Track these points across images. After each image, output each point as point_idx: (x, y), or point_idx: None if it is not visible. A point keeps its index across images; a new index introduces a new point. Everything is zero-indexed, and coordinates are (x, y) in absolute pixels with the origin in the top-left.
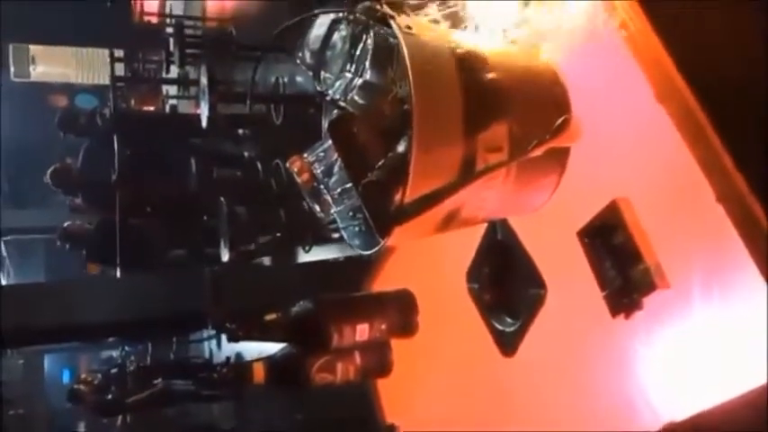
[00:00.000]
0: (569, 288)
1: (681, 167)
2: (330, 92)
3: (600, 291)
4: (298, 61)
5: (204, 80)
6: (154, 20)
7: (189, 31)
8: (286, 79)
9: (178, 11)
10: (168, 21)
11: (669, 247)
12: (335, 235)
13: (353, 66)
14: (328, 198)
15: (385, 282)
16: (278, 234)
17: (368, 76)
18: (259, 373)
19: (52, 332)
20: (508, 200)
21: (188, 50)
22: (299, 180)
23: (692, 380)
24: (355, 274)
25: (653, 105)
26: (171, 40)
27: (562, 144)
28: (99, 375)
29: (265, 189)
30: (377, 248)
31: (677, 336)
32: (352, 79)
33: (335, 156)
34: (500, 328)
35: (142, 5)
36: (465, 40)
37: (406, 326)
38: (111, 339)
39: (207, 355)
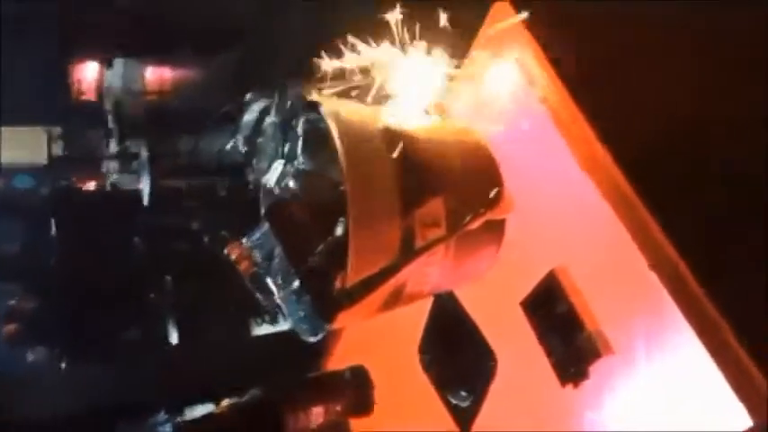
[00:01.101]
0: (519, 357)
1: (613, 236)
2: (264, 180)
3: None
4: (231, 148)
5: (144, 155)
6: (92, 96)
7: (128, 106)
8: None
9: (117, 83)
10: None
11: (609, 313)
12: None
13: (285, 153)
14: (271, 284)
15: (339, 357)
16: (229, 309)
17: (300, 162)
18: None
19: None
20: (450, 273)
21: (127, 125)
22: (238, 268)
23: None
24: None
25: (580, 176)
26: (110, 116)
27: (497, 216)
28: None
29: (213, 263)
30: (322, 334)
31: (626, 400)
32: (285, 166)
33: (275, 241)
34: (455, 402)
35: (80, 82)
36: (393, 119)
37: (363, 404)
38: None
39: None
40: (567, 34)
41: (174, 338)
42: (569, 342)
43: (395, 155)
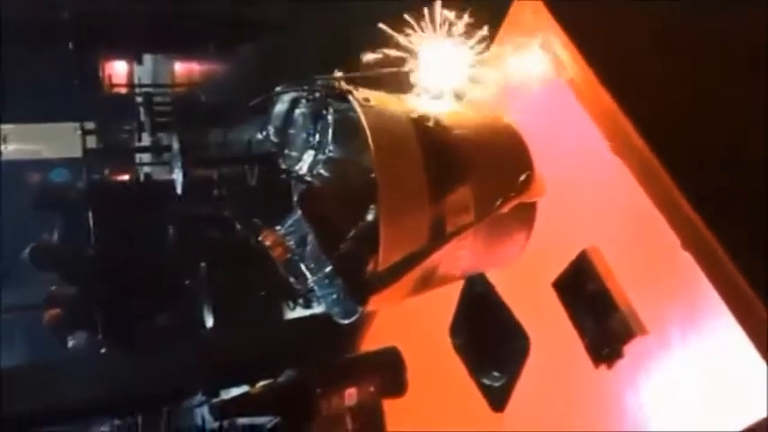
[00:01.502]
0: (552, 339)
1: (645, 217)
2: (296, 168)
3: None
4: (262, 138)
5: (176, 146)
6: (123, 90)
7: (158, 99)
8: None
9: (147, 77)
10: (137, 90)
11: (642, 294)
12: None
13: (316, 142)
14: (304, 269)
15: (374, 332)
16: (262, 294)
17: (331, 150)
18: None
19: (35, 418)
20: (482, 256)
21: (158, 119)
22: (272, 254)
23: (681, 424)
24: (342, 334)
25: (611, 157)
26: (141, 109)
27: (528, 200)
28: None
29: (245, 249)
30: (355, 317)
31: (662, 380)
32: (316, 155)
33: (307, 227)
34: (488, 383)
35: (110, 77)
36: (422, 106)
37: (395, 385)
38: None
39: (199, 422)
40: (593, 16)
41: (209, 323)
42: (602, 322)
43: (424, 142)
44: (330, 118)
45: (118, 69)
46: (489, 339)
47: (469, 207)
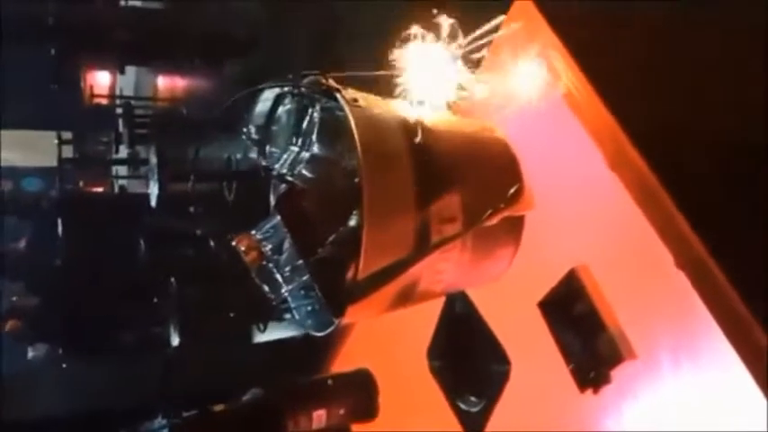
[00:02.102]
0: (535, 362)
1: (638, 235)
2: (276, 166)
3: (565, 365)
4: (243, 137)
5: (154, 159)
6: (103, 101)
7: (139, 111)
8: (239, 156)
9: (128, 91)
10: (118, 101)
11: (633, 316)
12: (288, 316)
13: (300, 139)
14: (278, 277)
15: (345, 359)
16: (231, 314)
17: (315, 149)
18: None
19: None
20: (465, 271)
21: (138, 130)
22: (246, 259)
23: None
24: (313, 354)
25: (605, 173)
26: (120, 120)
27: (517, 213)
28: None
29: (217, 267)
30: (330, 329)
31: (650, 408)
32: (298, 153)
33: (285, 232)
34: (465, 408)
35: (92, 87)
36: (412, 111)
37: (366, 409)
38: None
39: None
40: (591, 27)
41: (175, 341)
42: (590, 345)
43: (412, 147)
44: (316, 115)
45: (100, 80)
46: (468, 362)
47: (457, 217)
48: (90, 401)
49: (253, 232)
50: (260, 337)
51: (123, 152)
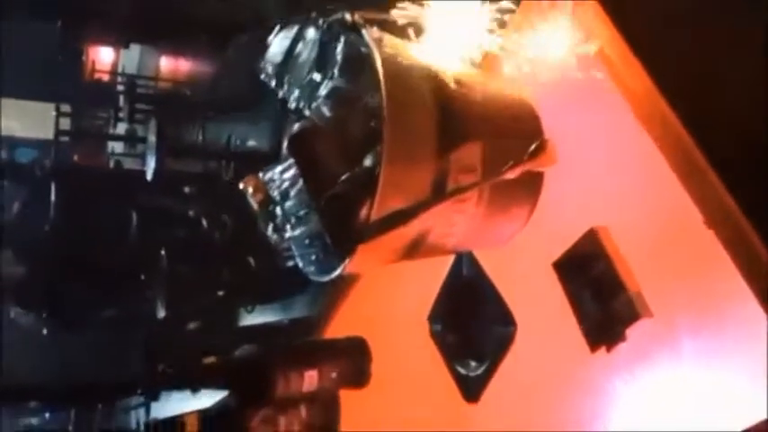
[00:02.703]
0: (541, 325)
1: (665, 193)
2: (293, 97)
3: (577, 325)
4: (259, 74)
5: (153, 133)
6: (105, 77)
7: (141, 91)
8: (238, 142)
9: (131, 70)
10: (120, 78)
11: (653, 276)
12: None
13: (321, 71)
14: (284, 224)
15: (340, 328)
16: (220, 293)
17: (337, 82)
18: (192, 426)
19: None
20: (478, 228)
21: (138, 106)
22: (252, 200)
23: (678, 419)
24: (300, 337)
25: (633, 128)
26: (121, 97)
27: (538, 168)
28: None
29: (209, 246)
30: (334, 274)
31: (663, 371)
32: (318, 84)
33: (292, 176)
34: (463, 372)
35: (94, 63)
36: (438, 59)
37: (359, 375)
38: (32, 405)
39: (134, 425)
40: None
41: (160, 314)
42: (606, 304)
43: (436, 93)
44: (340, 48)
45: (103, 55)
46: (472, 326)
47: (476, 168)
48: (69, 370)
49: (260, 174)
50: (247, 320)
51: (121, 131)
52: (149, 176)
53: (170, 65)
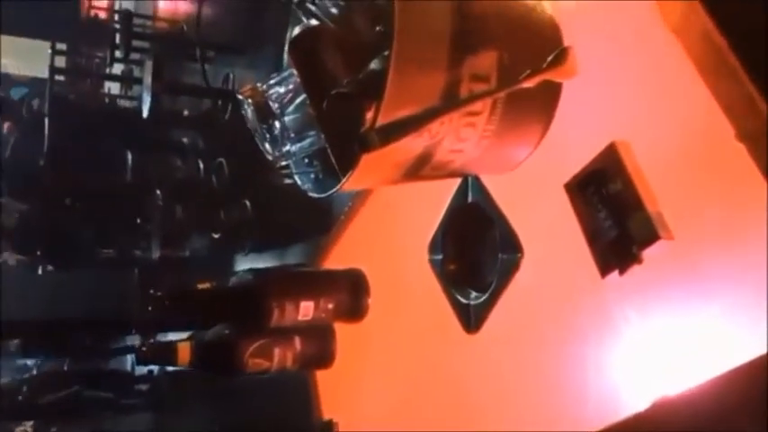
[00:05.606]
0: (547, 252)
1: (694, 105)
2: None
3: (588, 248)
4: None
5: (149, 76)
6: (102, 14)
7: (137, 30)
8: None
9: (130, 5)
10: (116, 16)
11: (676, 197)
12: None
13: None
14: (282, 135)
15: (338, 259)
16: (215, 235)
17: None
18: (184, 353)
19: None
20: (488, 147)
21: (135, 44)
22: (249, 109)
23: (690, 350)
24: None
25: (663, 36)
26: (117, 34)
27: (556, 78)
28: (9, 381)
29: (205, 187)
30: (333, 190)
31: (679, 298)
32: None
33: (293, 88)
34: (464, 301)
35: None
36: None
37: (355, 308)
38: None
39: (128, 368)
40: None
41: (155, 254)
42: (621, 224)
43: None
44: None
45: None
46: (475, 255)
47: (491, 77)
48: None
49: (259, 84)
50: (241, 264)
51: (118, 70)
52: (145, 114)
53: (168, 6)
